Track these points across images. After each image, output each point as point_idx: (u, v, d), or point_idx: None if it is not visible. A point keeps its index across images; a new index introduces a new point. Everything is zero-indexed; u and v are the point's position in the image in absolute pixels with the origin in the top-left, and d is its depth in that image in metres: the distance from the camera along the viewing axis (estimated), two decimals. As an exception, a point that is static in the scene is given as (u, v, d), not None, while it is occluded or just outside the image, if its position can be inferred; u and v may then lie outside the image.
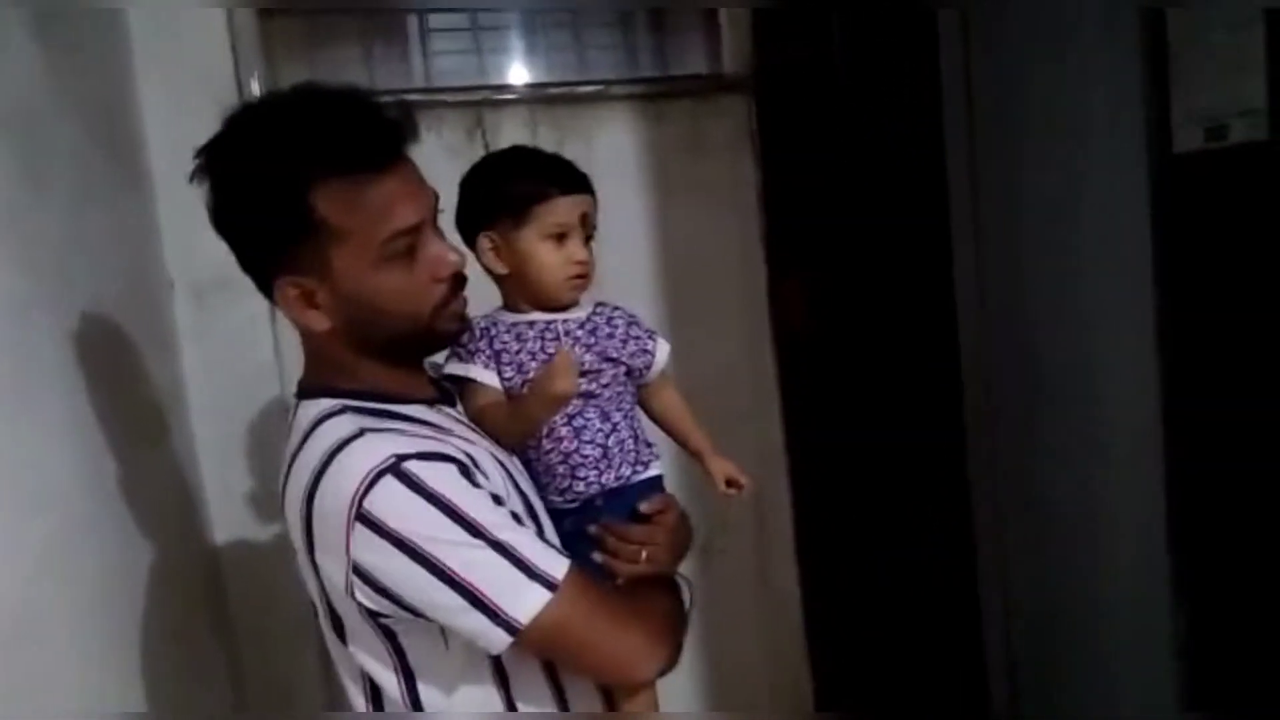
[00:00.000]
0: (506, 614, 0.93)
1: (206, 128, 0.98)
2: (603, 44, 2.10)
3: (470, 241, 1.13)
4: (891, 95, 1.93)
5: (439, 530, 0.92)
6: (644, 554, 1.10)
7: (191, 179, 0.99)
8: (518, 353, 1.11)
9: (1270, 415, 1.27)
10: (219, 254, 1.63)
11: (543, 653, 1.01)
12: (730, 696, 2.07)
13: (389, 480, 0.92)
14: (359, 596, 0.96)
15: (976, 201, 1.83)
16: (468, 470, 0.97)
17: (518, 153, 1.15)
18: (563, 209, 1.09)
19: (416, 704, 1.03)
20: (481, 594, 0.93)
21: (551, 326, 1.12)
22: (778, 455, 2.11)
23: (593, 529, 1.12)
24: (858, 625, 2.10)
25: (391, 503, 0.92)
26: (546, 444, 1.11)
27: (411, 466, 0.93)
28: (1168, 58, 1.31)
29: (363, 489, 0.92)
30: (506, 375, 1.10)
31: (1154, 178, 1.36)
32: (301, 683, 1.77)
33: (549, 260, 1.10)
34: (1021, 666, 1.93)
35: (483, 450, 1.04)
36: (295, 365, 1.72)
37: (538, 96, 1.95)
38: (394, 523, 0.92)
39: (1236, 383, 1.32)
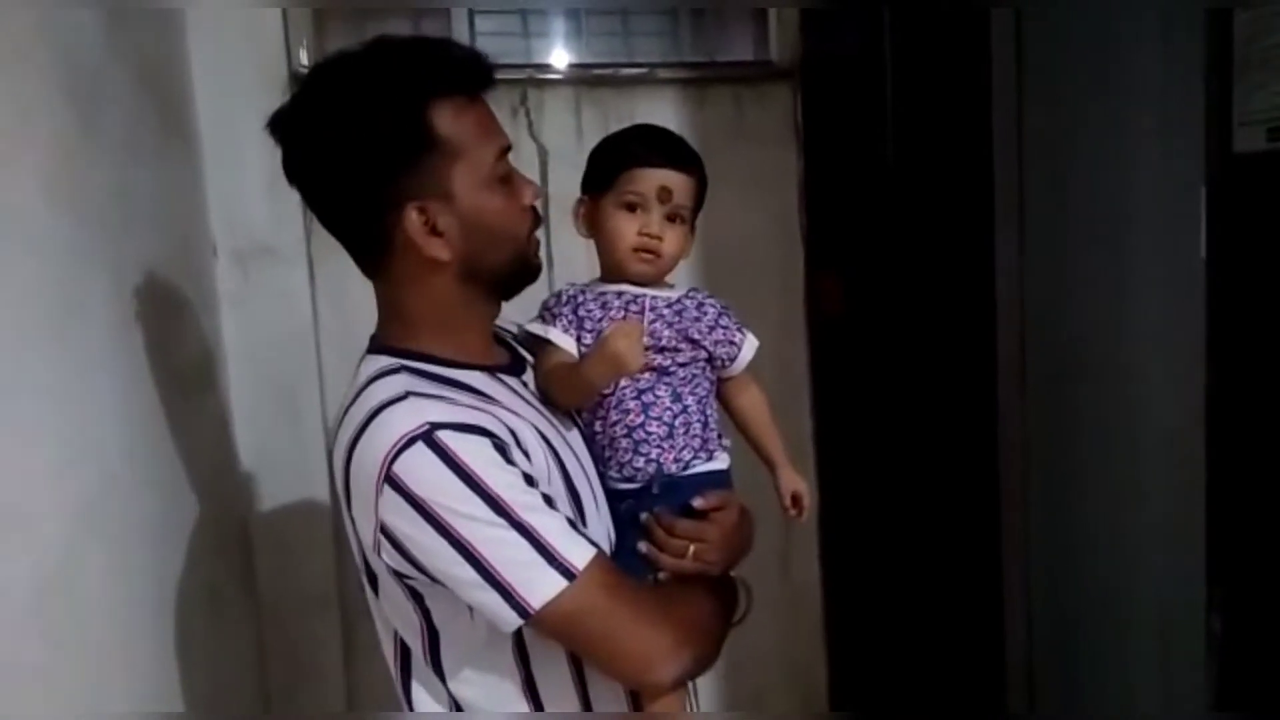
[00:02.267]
0: (520, 596, 0.93)
1: (255, 95, 1.00)
2: (648, 30, 2.09)
3: None
4: (940, 90, 1.91)
5: (462, 503, 0.92)
6: (691, 550, 1.07)
7: (279, 132, 1.00)
8: (599, 321, 1.10)
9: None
10: (261, 221, 1.70)
11: (557, 639, 1.00)
12: (744, 687, 2.08)
13: (420, 447, 0.92)
14: (384, 557, 0.97)
15: (1022, 199, 1.80)
16: (503, 447, 0.96)
17: (634, 128, 1.16)
18: (640, 180, 1.09)
19: (438, 666, 1.04)
20: (497, 573, 0.93)
21: (639, 300, 1.11)
22: (806, 447, 2.10)
23: (644, 516, 1.10)
24: (877, 620, 2.09)
25: (419, 470, 0.93)
26: (614, 415, 1.10)
27: (444, 436, 0.93)
28: (1231, 54, 1.28)
29: (394, 452, 0.92)
30: (585, 343, 1.10)
31: (1212, 177, 1.34)
32: (322, 646, 1.80)
33: (619, 228, 1.10)
34: (1040, 667, 1.92)
35: (529, 426, 1.03)
36: (331, 332, 1.77)
37: (582, 78, 1.95)
38: (420, 490, 0.92)
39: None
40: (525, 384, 1.11)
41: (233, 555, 1.67)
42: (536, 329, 1.13)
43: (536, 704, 1.05)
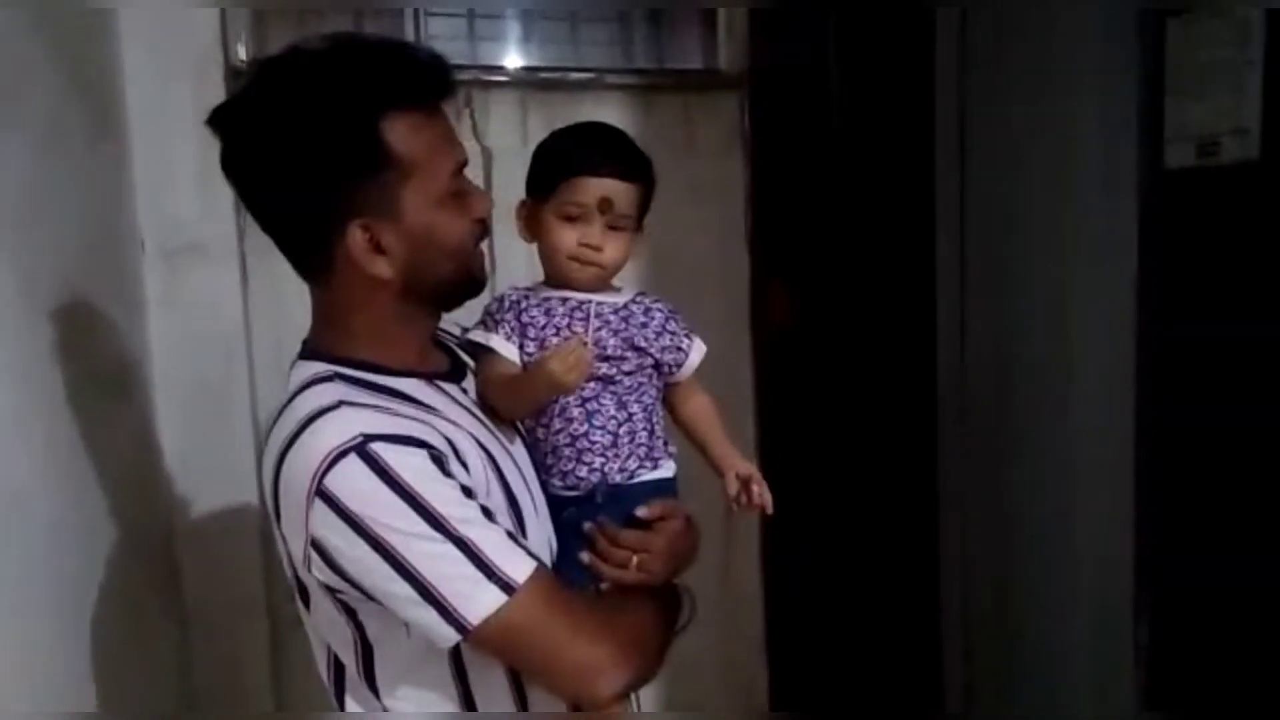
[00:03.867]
0: (458, 612, 0.90)
1: (189, 89, 0.96)
2: (598, 39, 2.08)
3: None
4: (885, 100, 1.93)
5: (397, 518, 0.89)
6: (634, 561, 1.05)
7: (221, 127, 0.95)
8: (543, 328, 1.07)
9: (1245, 427, 1.27)
10: (192, 218, 1.64)
11: (496, 655, 0.97)
12: (684, 694, 2.06)
13: (352, 460, 0.89)
14: (315, 572, 0.94)
15: (963, 209, 1.83)
16: (440, 458, 0.93)
17: (578, 128, 1.12)
18: (581, 190, 1.05)
19: (372, 681, 1.01)
20: (434, 588, 0.90)
21: (584, 306, 1.08)
22: (749, 455, 2.09)
23: (587, 526, 1.07)
24: (817, 627, 2.10)
25: (352, 483, 0.89)
26: (557, 423, 1.08)
27: (378, 448, 0.90)
28: (1164, 72, 1.31)
29: (325, 465, 0.89)
30: (528, 350, 1.07)
31: (1144, 192, 1.37)
32: (250, 658, 1.74)
33: (559, 238, 1.07)
34: (978, 674, 1.94)
35: (467, 436, 1.00)
36: (263, 334, 1.72)
37: (530, 81, 1.93)
38: (353, 504, 0.89)
39: (1211, 393, 1.33)
40: (465, 391, 1.08)
41: (155, 564, 1.61)
42: (478, 336, 1.10)
43: (469, 703, 1.01)
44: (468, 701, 1.01)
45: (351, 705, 1.05)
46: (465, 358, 1.13)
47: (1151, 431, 1.43)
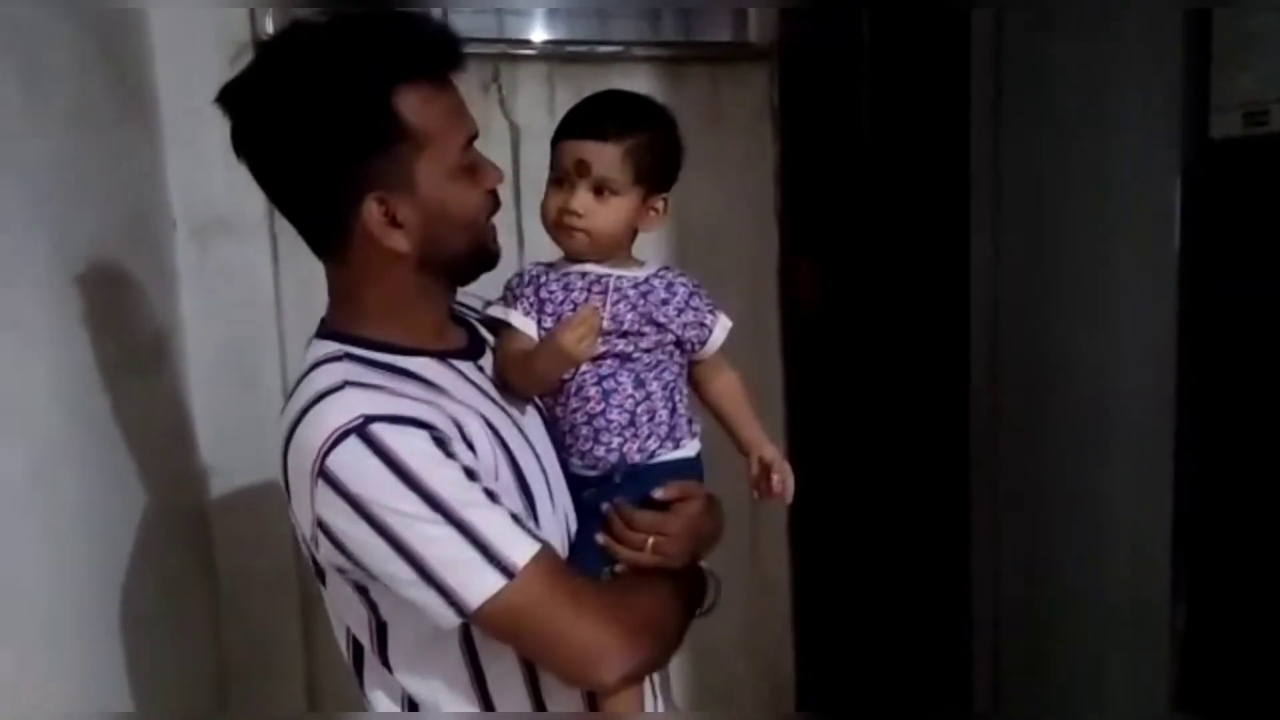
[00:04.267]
0: (457, 595, 0.90)
1: (218, 65, 0.96)
2: (626, 11, 2.05)
3: None
4: (918, 74, 1.90)
5: (398, 500, 0.89)
6: (650, 543, 1.03)
7: (231, 105, 0.95)
8: (561, 302, 1.06)
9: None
10: (223, 194, 1.65)
11: (498, 637, 0.96)
12: (711, 678, 2.06)
13: (353, 441, 0.89)
14: (322, 552, 0.95)
15: (998, 187, 1.80)
16: (443, 439, 0.92)
17: (590, 96, 1.09)
18: (560, 153, 1.04)
19: (386, 659, 1.02)
20: (434, 571, 0.89)
21: (602, 280, 1.06)
22: (777, 435, 2.09)
23: (604, 506, 1.06)
24: (845, 612, 2.09)
25: (352, 464, 0.89)
26: (574, 401, 1.06)
27: (379, 429, 0.89)
28: (1210, 39, 1.27)
29: (327, 446, 0.89)
30: (545, 325, 1.06)
31: (1188, 163, 1.33)
32: (282, 628, 1.76)
33: (546, 204, 1.06)
34: (1007, 665, 1.92)
35: (475, 416, 0.99)
36: (294, 311, 1.73)
37: (556, 54, 1.91)
38: (353, 485, 0.89)
39: (1254, 388, 1.30)
40: (481, 368, 1.07)
41: (187, 538, 1.63)
42: (498, 311, 1.09)
43: (485, 699, 1.02)
44: (479, 681, 1.01)
45: (371, 683, 1.06)
46: (485, 334, 1.13)
47: (1192, 415, 1.40)
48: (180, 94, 1.63)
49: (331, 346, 1.00)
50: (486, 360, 1.09)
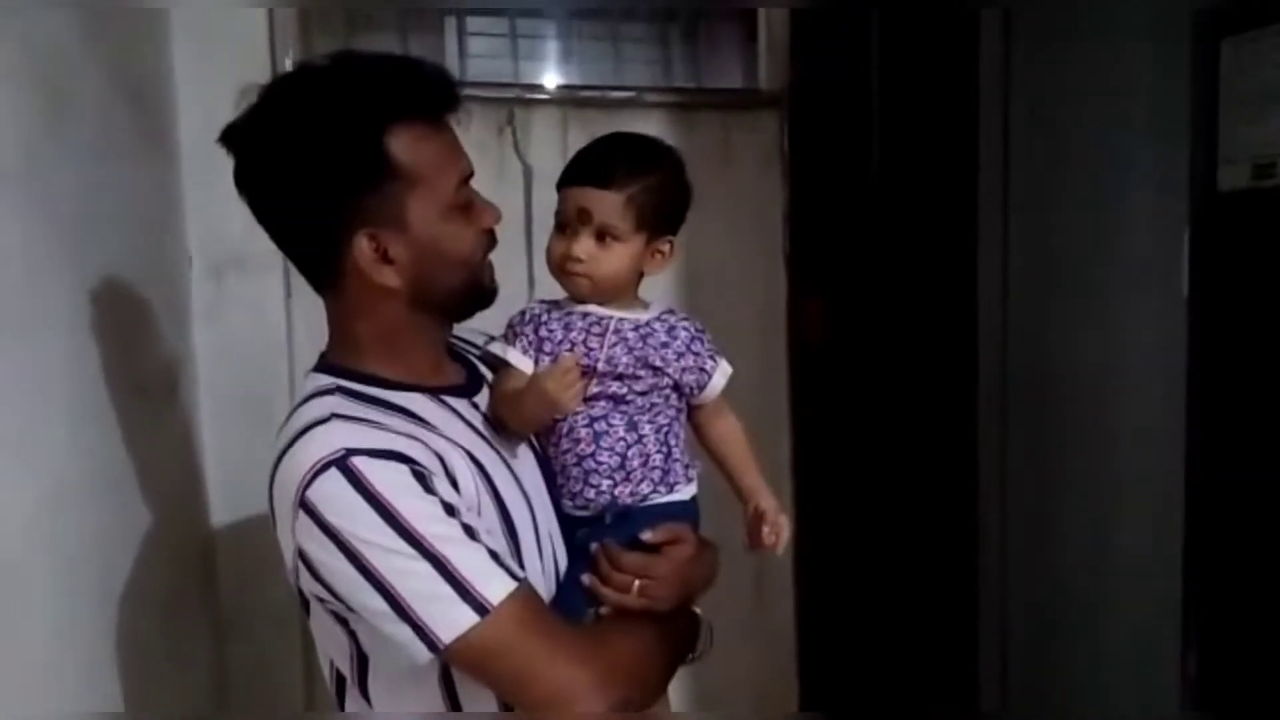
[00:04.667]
0: (429, 629, 0.90)
1: (238, 105, 0.98)
2: (638, 57, 2.09)
3: None
4: (927, 119, 1.92)
5: (374, 532, 0.89)
6: (636, 586, 1.02)
7: (233, 144, 0.98)
8: (560, 342, 1.06)
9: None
10: (238, 232, 1.67)
11: (470, 674, 0.96)
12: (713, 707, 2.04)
13: (333, 473, 0.90)
14: (302, 582, 0.95)
15: (1006, 232, 1.81)
16: (424, 474, 0.93)
17: (596, 140, 1.10)
18: (564, 200, 1.06)
19: (365, 691, 1.02)
20: (407, 605, 0.90)
21: (602, 322, 1.06)
22: (784, 474, 2.09)
23: (593, 546, 1.05)
24: (851, 653, 2.07)
25: (332, 496, 0.90)
26: (565, 442, 1.06)
27: (358, 462, 0.90)
28: (1217, 93, 1.28)
29: (308, 477, 0.90)
30: (543, 364, 1.06)
31: (1196, 215, 1.34)
32: (284, 666, 1.76)
33: (550, 248, 1.08)
34: (1014, 666, 1.90)
35: (461, 453, 0.99)
36: (306, 346, 1.74)
37: (570, 99, 1.94)
38: (331, 517, 0.90)
39: (1261, 406, 1.29)
40: (476, 405, 1.08)
41: (193, 567, 1.63)
42: (497, 349, 1.10)
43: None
44: (455, 709, 1.01)
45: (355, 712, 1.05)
46: (484, 371, 1.14)
47: (1202, 430, 1.39)
48: (199, 133, 1.65)
49: (325, 380, 1.02)
50: (482, 397, 1.10)
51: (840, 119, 1.99)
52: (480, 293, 1.06)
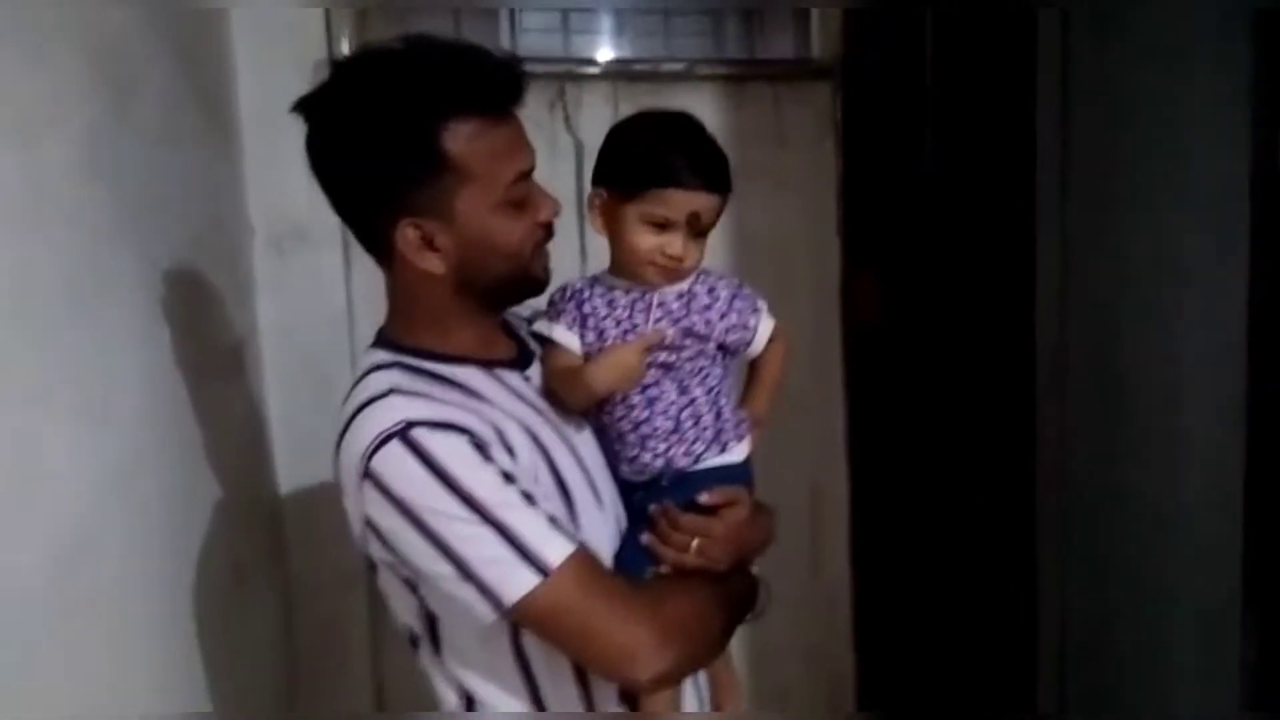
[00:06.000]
0: (493, 591, 0.93)
1: (296, 82, 1.01)
2: (690, 29, 2.08)
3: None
4: (983, 90, 1.88)
5: (437, 500, 0.93)
6: (694, 545, 1.05)
7: (304, 113, 1.00)
8: (604, 318, 1.08)
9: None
10: (299, 205, 1.71)
11: (535, 633, 1.00)
12: (768, 682, 2.06)
13: (395, 445, 0.94)
14: (371, 549, 1.00)
15: (1065, 206, 1.78)
16: (482, 444, 0.96)
17: (669, 124, 1.08)
18: (672, 202, 1.03)
19: (438, 649, 1.06)
20: (471, 568, 0.93)
21: (645, 297, 1.08)
22: (839, 449, 2.09)
23: (652, 508, 1.09)
24: (907, 618, 2.07)
25: (394, 467, 0.94)
26: (619, 410, 1.09)
27: (419, 434, 0.94)
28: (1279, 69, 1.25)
29: (372, 449, 0.94)
30: (587, 340, 1.09)
31: (1256, 190, 1.31)
32: (350, 627, 1.81)
33: (640, 244, 1.05)
34: (1073, 673, 1.89)
35: (516, 424, 1.02)
36: (366, 317, 1.78)
37: (621, 73, 1.95)
38: (396, 487, 0.94)
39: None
40: (527, 378, 1.11)
41: (261, 533, 1.69)
42: (542, 327, 1.12)
43: (535, 694, 1.04)
44: (529, 677, 1.04)
45: (434, 674, 1.09)
46: (534, 345, 1.16)
47: (1262, 424, 1.37)
48: (260, 110, 1.71)
49: (383, 355, 1.05)
50: (534, 370, 1.12)
51: (894, 90, 1.96)
52: (529, 283, 1.07)
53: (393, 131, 0.96)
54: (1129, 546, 1.70)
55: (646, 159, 1.05)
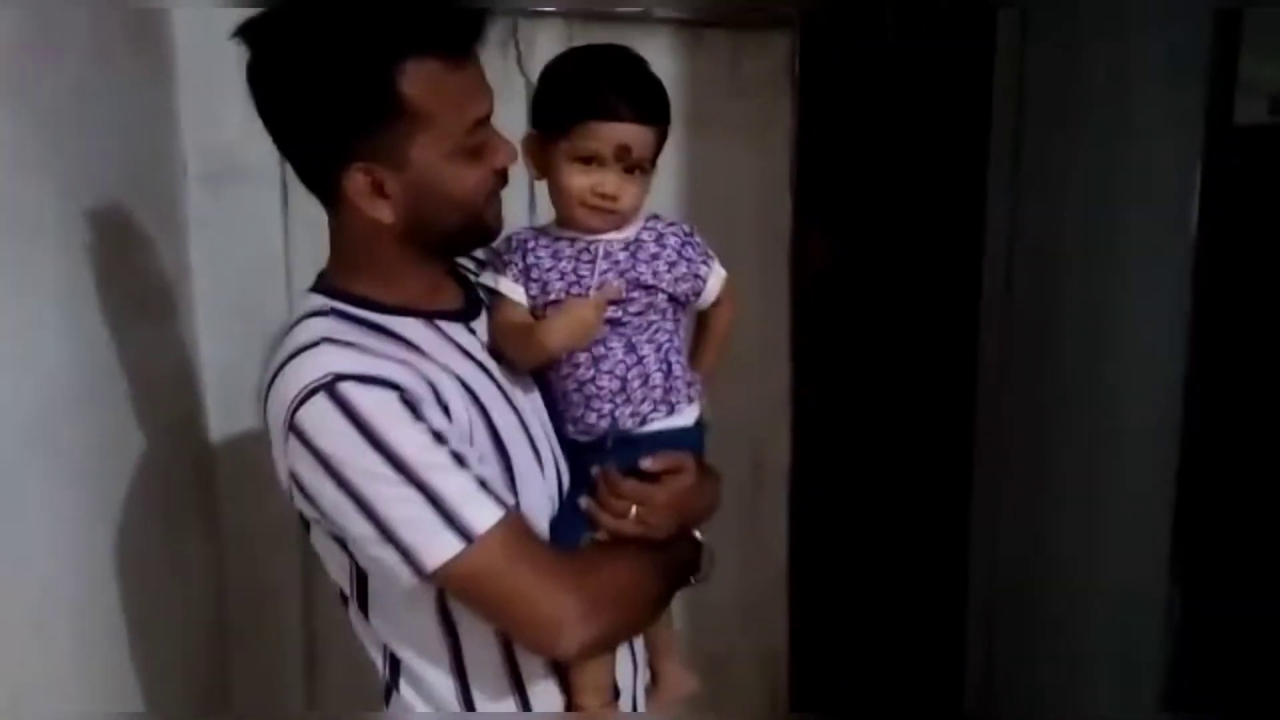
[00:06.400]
0: (415, 554, 0.91)
1: (234, 16, 0.94)
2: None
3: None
4: (940, 43, 1.87)
5: (361, 458, 0.89)
6: (633, 512, 1.02)
7: (247, 40, 0.92)
8: (548, 270, 1.04)
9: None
10: (235, 142, 1.63)
11: (459, 599, 0.97)
12: (703, 648, 2.07)
13: (321, 398, 0.90)
14: (297, 503, 0.96)
15: (1017, 160, 1.78)
16: (413, 401, 0.92)
17: (598, 56, 1.03)
18: (598, 134, 0.99)
19: (365, 608, 1.03)
20: (393, 529, 0.90)
21: (591, 247, 1.04)
22: (782, 407, 2.09)
23: (594, 471, 1.05)
24: (841, 587, 2.10)
25: (319, 420, 0.90)
26: (564, 368, 1.05)
27: (346, 387, 0.90)
28: (1240, 25, 1.25)
29: (297, 401, 0.90)
30: (532, 293, 1.05)
31: (1210, 148, 1.31)
32: (283, 581, 1.78)
33: (571, 183, 1.01)
34: (1000, 659, 1.93)
35: (452, 379, 0.98)
36: (303, 259, 1.72)
37: (576, 11, 1.88)
38: (319, 441, 0.90)
39: (1263, 379, 1.29)
40: (473, 330, 1.07)
41: (191, 481, 1.64)
42: (487, 279, 1.08)
43: (458, 661, 1.02)
44: (454, 643, 1.02)
45: (362, 631, 1.07)
46: (483, 294, 1.12)
47: (1198, 409, 1.40)
48: (196, 35, 1.61)
49: (320, 300, 1.01)
50: (479, 322, 1.08)
51: (853, 42, 1.94)
52: (480, 231, 1.03)
53: (346, 71, 0.90)
54: (1058, 542, 1.73)
55: (571, 91, 1.01)
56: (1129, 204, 1.53)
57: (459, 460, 0.92)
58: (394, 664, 1.05)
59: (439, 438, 0.92)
